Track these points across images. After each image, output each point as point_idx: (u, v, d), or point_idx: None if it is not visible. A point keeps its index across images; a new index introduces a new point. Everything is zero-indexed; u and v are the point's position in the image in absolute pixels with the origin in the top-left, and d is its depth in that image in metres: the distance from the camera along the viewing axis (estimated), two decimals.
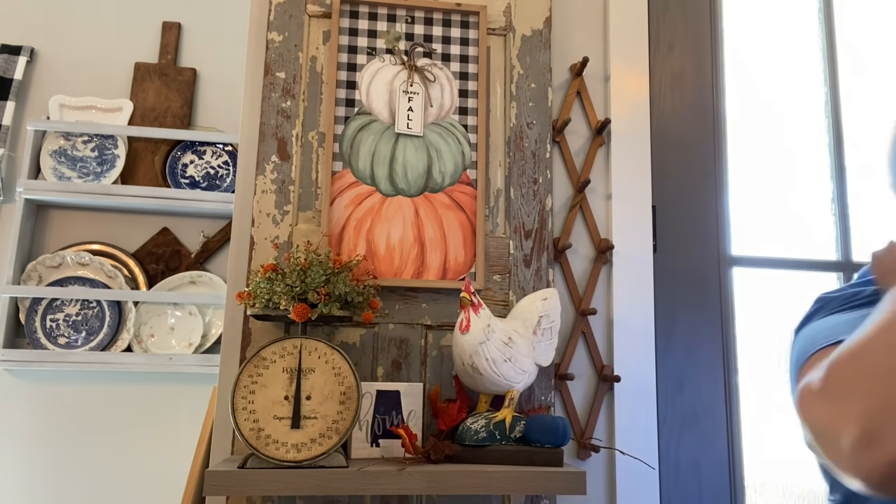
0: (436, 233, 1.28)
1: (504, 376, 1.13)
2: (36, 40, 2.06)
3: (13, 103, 1.97)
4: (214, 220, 2.05)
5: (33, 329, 1.89)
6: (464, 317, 1.12)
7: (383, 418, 1.15)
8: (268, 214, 1.25)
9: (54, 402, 1.91)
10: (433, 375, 1.24)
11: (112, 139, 2.01)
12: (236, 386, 1.03)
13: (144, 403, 1.94)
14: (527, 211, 1.32)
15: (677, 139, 1.53)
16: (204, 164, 2.05)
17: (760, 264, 1.56)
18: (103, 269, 1.93)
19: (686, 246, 1.50)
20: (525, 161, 1.34)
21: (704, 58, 1.58)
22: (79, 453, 1.90)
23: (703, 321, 1.48)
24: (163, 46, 2.11)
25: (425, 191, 1.30)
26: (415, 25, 1.35)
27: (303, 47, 1.31)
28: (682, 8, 1.60)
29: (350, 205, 1.27)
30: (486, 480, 1.03)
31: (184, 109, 2.07)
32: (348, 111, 1.30)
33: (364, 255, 1.24)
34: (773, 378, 1.52)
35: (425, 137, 1.31)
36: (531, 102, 1.36)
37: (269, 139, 1.27)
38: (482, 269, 1.27)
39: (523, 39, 1.38)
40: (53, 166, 1.97)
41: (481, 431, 1.11)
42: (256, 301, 1.07)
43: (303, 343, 1.07)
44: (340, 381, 1.06)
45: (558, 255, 1.36)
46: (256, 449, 1.01)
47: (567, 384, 1.32)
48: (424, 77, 1.33)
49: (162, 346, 1.95)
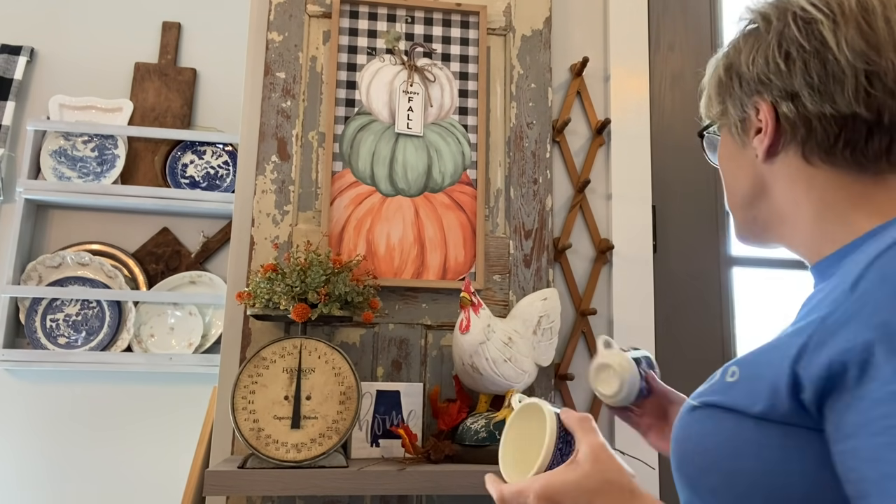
0: (436, 233, 1.28)
1: (504, 376, 1.13)
2: (36, 40, 2.06)
3: (13, 103, 1.97)
4: (214, 220, 2.05)
5: (33, 329, 1.89)
6: (464, 317, 1.12)
7: (383, 418, 1.15)
8: (268, 214, 1.25)
9: (54, 402, 1.91)
10: (433, 375, 1.24)
11: (112, 139, 2.01)
12: (236, 386, 1.03)
13: (144, 403, 1.94)
14: (527, 211, 1.32)
15: (677, 139, 1.53)
16: (204, 164, 2.05)
17: (760, 264, 1.56)
18: (103, 269, 1.93)
19: (686, 246, 1.50)
20: (525, 161, 1.34)
21: (704, 58, 1.58)
22: (79, 453, 1.90)
23: (703, 321, 1.48)
24: (163, 46, 2.11)
25: (425, 191, 1.30)
26: (415, 25, 1.35)
27: (303, 47, 1.31)
28: (682, 8, 1.60)
29: (350, 205, 1.27)
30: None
31: (184, 109, 2.07)
32: (348, 111, 1.30)
33: (364, 255, 1.24)
34: None
35: (425, 137, 1.31)
36: (531, 102, 1.36)
37: (269, 139, 1.27)
38: (482, 269, 1.27)
39: (523, 39, 1.38)
40: (53, 166, 1.97)
41: (481, 431, 1.11)
42: (256, 301, 1.07)
43: (303, 343, 1.07)
44: (340, 381, 1.06)
45: (558, 255, 1.36)
46: (256, 449, 1.01)
47: (567, 384, 1.32)
48: (424, 77, 1.33)
49: (162, 346, 1.95)
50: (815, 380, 0.52)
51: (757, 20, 0.69)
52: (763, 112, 0.67)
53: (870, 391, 0.48)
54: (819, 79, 0.63)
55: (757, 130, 0.68)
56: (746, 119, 0.70)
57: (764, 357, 0.59)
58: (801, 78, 0.63)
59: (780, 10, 0.66)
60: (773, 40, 0.66)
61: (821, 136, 0.63)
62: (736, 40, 0.72)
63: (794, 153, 0.66)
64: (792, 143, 0.66)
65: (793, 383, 0.54)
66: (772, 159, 0.68)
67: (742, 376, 0.60)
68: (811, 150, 0.64)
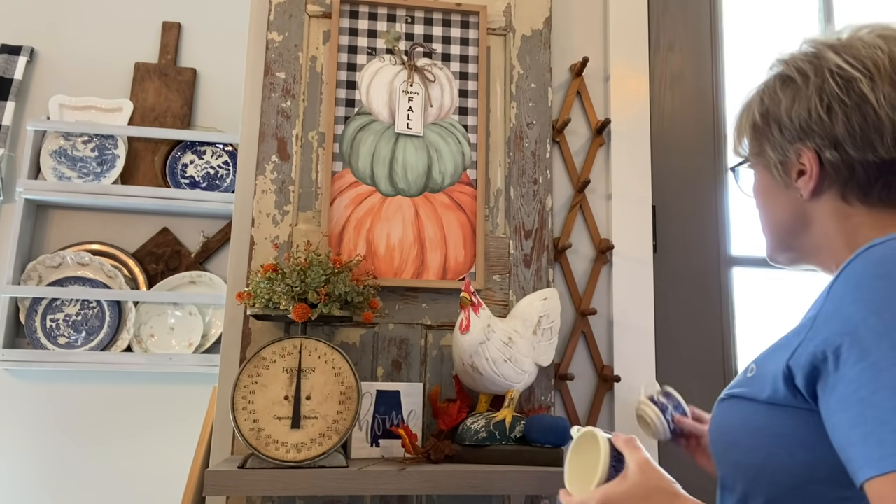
0: (436, 233, 1.28)
1: (504, 376, 1.13)
2: (36, 40, 2.06)
3: (13, 103, 1.97)
4: (214, 220, 2.05)
5: (33, 329, 1.89)
6: (464, 317, 1.12)
7: (383, 418, 1.15)
8: (268, 214, 1.25)
9: (54, 402, 1.91)
10: (433, 375, 1.24)
11: (112, 139, 2.01)
12: (236, 386, 1.03)
13: (144, 403, 1.94)
14: (527, 211, 1.32)
15: (677, 139, 1.53)
16: (204, 164, 2.05)
17: (760, 264, 1.56)
18: (103, 269, 1.93)
19: (686, 246, 1.50)
20: (525, 161, 1.34)
21: (704, 58, 1.58)
22: (79, 453, 1.90)
23: (703, 321, 1.48)
24: (163, 46, 2.11)
25: (425, 191, 1.30)
26: (415, 25, 1.35)
27: (303, 47, 1.31)
28: (682, 8, 1.60)
29: (350, 205, 1.27)
30: (486, 480, 1.03)
31: (184, 109, 2.07)
32: (348, 111, 1.30)
33: (364, 255, 1.24)
34: None
35: (425, 137, 1.31)
36: (531, 102, 1.36)
37: (269, 139, 1.27)
38: (482, 269, 1.27)
39: (523, 39, 1.38)
40: (53, 166, 1.97)
41: (481, 431, 1.11)
42: (256, 301, 1.07)
43: (303, 343, 1.07)
44: (340, 381, 1.06)
45: (558, 255, 1.36)
46: (256, 449, 1.01)
47: (567, 384, 1.32)
48: (424, 77, 1.34)
49: (162, 346, 1.95)
50: (803, 367, 0.64)
51: (792, 73, 0.78)
52: (807, 158, 0.76)
53: (843, 374, 0.60)
54: (861, 129, 0.72)
55: (799, 172, 0.78)
56: (787, 162, 0.79)
57: (772, 354, 0.72)
58: (844, 129, 0.73)
59: (817, 66, 0.76)
60: (814, 94, 0.75)
61: (862, 179, 0.73)
62: (771, 88, 0.81)
63: (835, 193, 0.76)
64: (834, 185, 0.76)
65: (788, 374, 0.67)
66: (814, 198, 0.78)
67: (757, 371, 0.74)
68: (851, 190, 0.75)
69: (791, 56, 0.80)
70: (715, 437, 0.80)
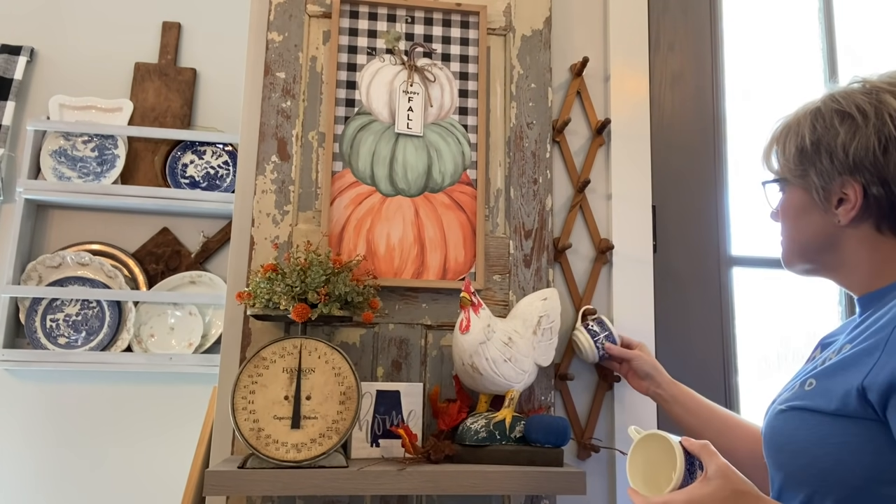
0: (436, 233, 1.28)
1: (504, 376, 1.13)
2: (36, 40, 2.06)
3: (13, 103, 1.97)
4: (214, 220, 2.05)
5: (33, 329, 1.89)
6: (464, 317, 1.12)
7: (383, 418, 1.15)
8: (268, 214, 1.25)
9: (54, 402, 1.91)
10: (433, 375, 1.24)
11: (112, 139, 2.01)
12: (236, 386, 1.03)
13: (144, 403, 1.94)
14: (527, 211, 1.32)
15: (677, 139, 1.53)
16: (204, 164, 2.05)
17: (760, 264, 1.56)
18: (103, 269, 1.93)
19: (686, 246, 1.50)
20: (525, 161, 1.34)
21: (704, 58, 1.58)
22: (79, 453, 1.90)
23: (703, 321, 1.48)
24: (163, 46, 2.11)
25: (425, 191, 1.30)
26: (415, 25, 1.35)
27: (303, 47, 1.31)
28: (682, 8, 1.60)
29: (350, 205, 1.27)
30: (486, 480, 1.03)
31: (184, 109, 2.07)
32: (348, 111, 1.30)
33: (364, 255, 1.24)
34: (773, 378, 1.52)
35: (425, 137, 1.31)
36: (531, 102, 1.36)
37: (269, 139, 1.27)
38: (482, 269, 1.27)
39: (523, 39, 1.38)
40: (53, 166, 1.97)
41: (481, 431, 1.11)
42: (256, 301, 1.07)
43: (303, 343, 1.07)
44: (340, 381, 1.06)
45: (558, 255, 1.36)
46: (256, 449, 1.01)
47: (567, 384, 1.32)
48: (424, 77, 1.34)
49: (162, 346, 1.95)
50: (881, 386, 0.73)
51: (852, 110, 0.85)
52: (852, 190, 0.84)
53: None
54: None
55: (839, 200, 0.86)
56: (829, 189, 0.86)
57: (838, 371, 0.80)
58: (894, 169, 0.82)
59: (877, 108, 0.83)
60: (873, 134, 0.82)
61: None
62: (826, 119, 0.87)
63: (871, 223, 0.85)
64: (872, 217, 0.84)
65: (861, 391, 0.75)
66: (850, 225, 0.86)
67: (818, 386, 0.81)
68: (886, 223, 0.84)
69: (847, 92, 0.87)
70: (777, 445, 0.85)
